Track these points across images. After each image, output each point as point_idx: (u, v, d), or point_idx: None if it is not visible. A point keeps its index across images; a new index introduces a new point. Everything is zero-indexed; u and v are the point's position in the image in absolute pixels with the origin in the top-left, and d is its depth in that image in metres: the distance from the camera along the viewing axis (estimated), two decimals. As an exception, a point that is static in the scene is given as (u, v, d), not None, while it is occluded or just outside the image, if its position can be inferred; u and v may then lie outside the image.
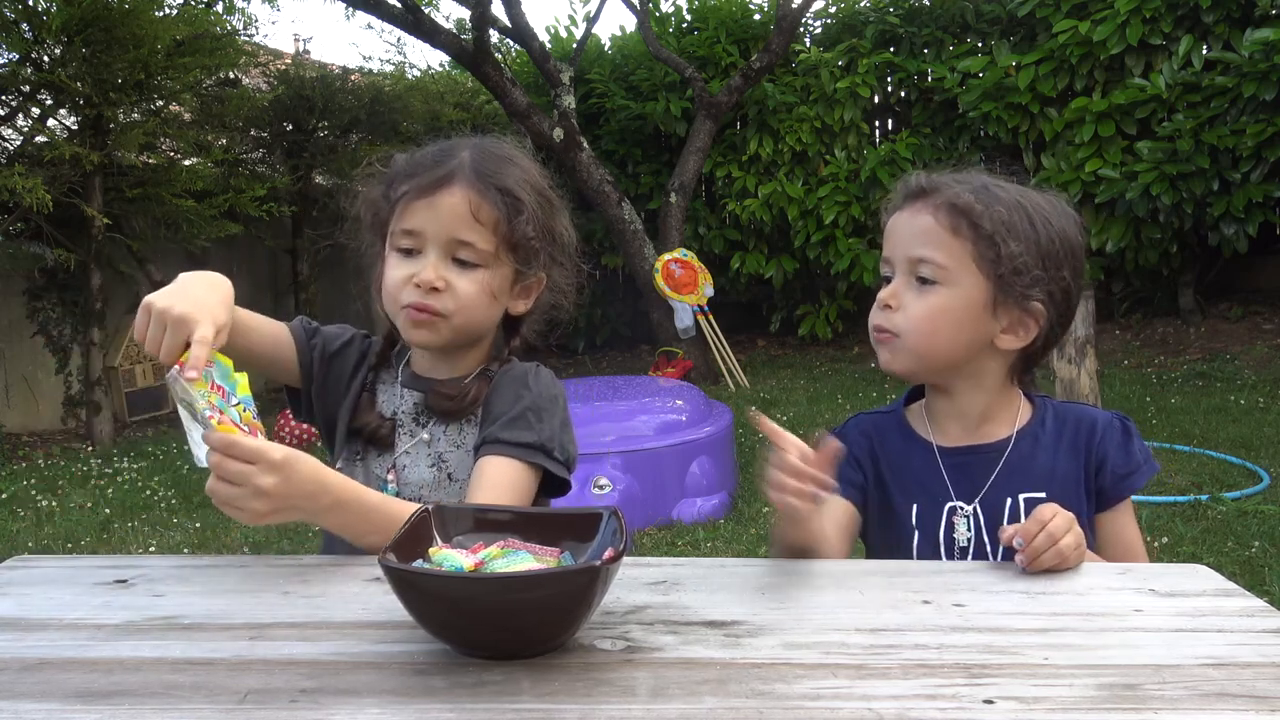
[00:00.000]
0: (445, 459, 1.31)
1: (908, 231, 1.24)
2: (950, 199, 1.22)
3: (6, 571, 1.07)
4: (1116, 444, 1.27)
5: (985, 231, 1.20)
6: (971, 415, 1.28)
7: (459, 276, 1.25)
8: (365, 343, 1.39)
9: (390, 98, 8.07)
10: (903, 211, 1.26)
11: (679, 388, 4.79)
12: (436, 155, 1.29)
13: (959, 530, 1.24)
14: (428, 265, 1.24)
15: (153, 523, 4.22)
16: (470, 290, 1.25)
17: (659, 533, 3.84)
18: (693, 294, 7.20)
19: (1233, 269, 7.54)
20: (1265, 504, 3.76)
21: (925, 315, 1.22)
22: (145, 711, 0.74)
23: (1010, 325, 1.24)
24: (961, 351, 1.24)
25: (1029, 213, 1.23)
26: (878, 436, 1.32)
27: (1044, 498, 1.23)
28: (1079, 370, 4.16)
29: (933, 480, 1.26)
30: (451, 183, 1.24)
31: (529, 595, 0.80)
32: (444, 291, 1.24)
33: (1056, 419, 1.29)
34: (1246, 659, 0.82)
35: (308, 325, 1.37)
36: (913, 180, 1.28)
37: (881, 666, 0.81)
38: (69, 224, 5.91)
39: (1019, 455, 1.26)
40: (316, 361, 1.35)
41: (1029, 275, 1.21)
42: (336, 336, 1.38)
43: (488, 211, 1.24)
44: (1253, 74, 6.49)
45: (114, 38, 5.65)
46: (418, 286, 1.24)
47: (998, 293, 1.21)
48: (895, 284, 1.24)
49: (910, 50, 8.22)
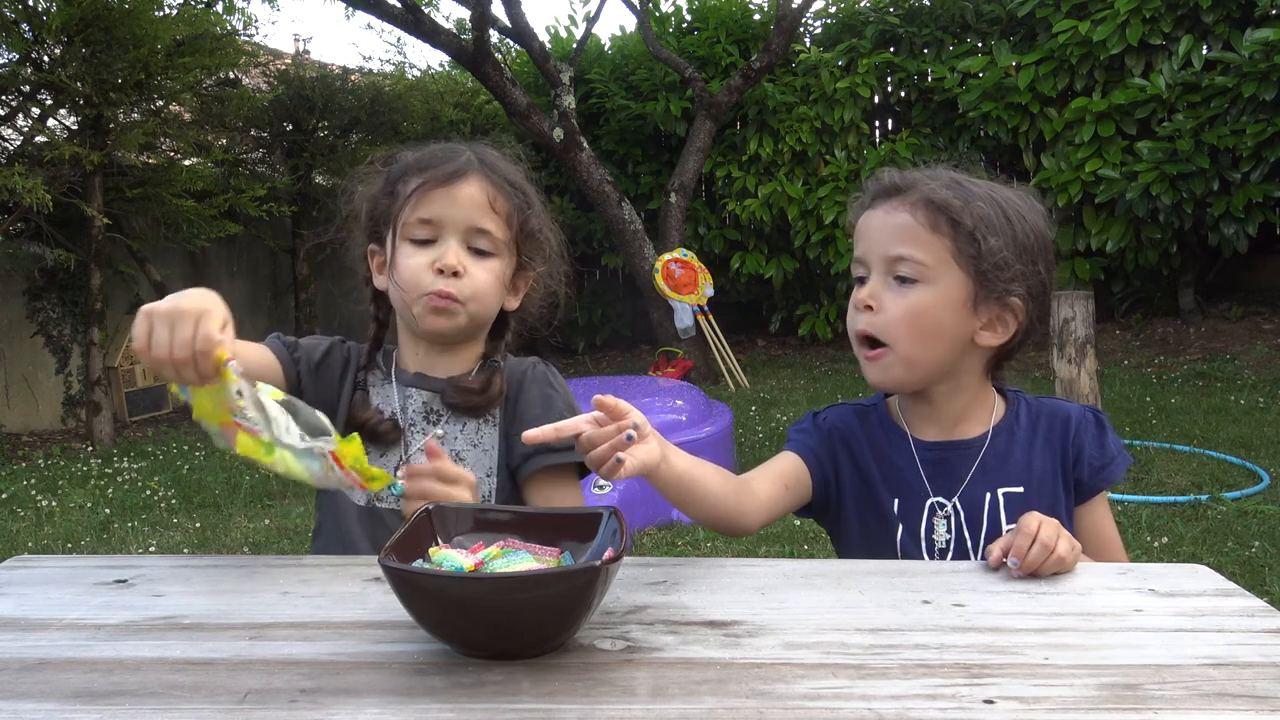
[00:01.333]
0: (462, 457, 1.31)
1: (884, 230, 1.22)
2: (927, 195, 1.20)
3: (6, 571, 1.07)
4: (1091, 437, 1.27)
5: (965, 228, 1.18)
6: (949, 415, 1.27)
7: (475, 264, 1.28)
8: (345, 347, 1.40)
9: (390, 98, 8.07)
10: (876, 210, 1.24)
11: (679, 388, 4.79)
12: (443, 152, 1.33)
13: (938, 531, 1.23)
14: (449, 250, 1.27)
15: (153, 523, 4.22)
16: (487, 278, 1.29)
17: (659, 533, 3.84)
18: (693, 294, 7.20)
19: (1233, 269, 7.54)
20: (1265, 504, 3.76)
21: (906, 315, 1.19)
22: (145, 711, 0.74)
23: (989, 322, 1.22)
24: (945, 352, 1.22)
25: (1003, 208, 1.22)
26: (861, 425, 1.32)
27: (1022, 492, 1.23)
28: (1079, 370, 4.16)
29: (912, 475, 1.26)
30: (468, 174, 1.29)
31: (529, 595, 0.80)
32: (463, 277, 1.27)
33: (1030, 414, 1.29)
34: (1247, 659, 0.82)
35: (286, 340, 1.37)
36: (884, 177, 1.26)
37: (881, 666, 0.81)
38: (69, 224, 5.91)
39: (995, 452, 1.25)
40: (305, 373, 1.35)
41: (1009, 270, 1.20)
42: (316, 346, 1.38)
43: (502, 202, 1.30)
44: (1253, 74, 6.50)
45: (114, 38, 5.65)
46: (440, 272, 1.26)
47: (978, 289, 1.20)
48: (872, 284, 1.21)
49: (910, 50, 8.22)
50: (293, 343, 1.37)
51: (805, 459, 1.30)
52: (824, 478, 1.30)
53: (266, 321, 8.26)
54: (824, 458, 1.30)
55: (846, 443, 1.30)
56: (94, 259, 6.04)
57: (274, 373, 1.32)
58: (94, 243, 5.99)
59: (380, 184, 1.35)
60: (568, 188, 8.76)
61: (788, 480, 1.27)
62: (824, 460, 1.30)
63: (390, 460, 1.32)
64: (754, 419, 5.79)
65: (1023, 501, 1.22)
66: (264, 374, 1.28)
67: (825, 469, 1.30)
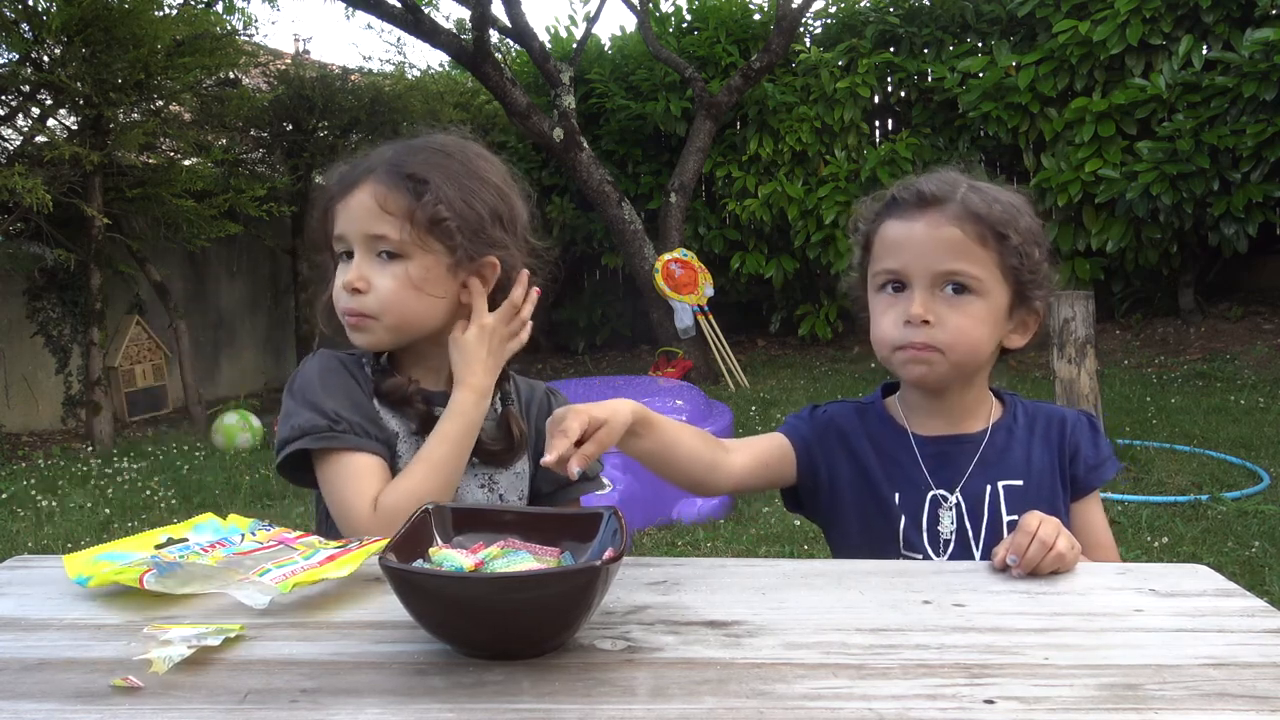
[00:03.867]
0: (496, 480, 1.31)
1: (931, 244, 1.22)
2: (971, 208, 1.22)
3: (6, 571, 1.07)
4: (1087, 437, 1.31)
5: (1012, 243, 1.21)
6: (956, 410, 1.30)
7: (379, 273, 1.24)
8: (347, 358, 1.33)
9: (390, 98, 8.07)
10: (915, 221, 1.23)
11: (679, 388, 4.80)
12: (362, 159, 1.29)
13: (943, 523, 1.26)
14: (353, 265, 1.24)
15: (153, 523, 4.22)
16: (389, 285, 1.23)
17: (659, 533, 3.85)
18: (693, 294, 7.20)
19: (1233, 269, 7.54)
20: (1265, 504, 3.76)
21: (968, 327, 1.21)
22: (145, 711, 0.74)
23: (1017, 325, 1.27)
24: (986, 356, 1.26)
25: (1026, 212, 1.26)
26: (860, 420, 1.33)
27: (1022, 485, 1.26)
28: (1079, 370, 4.16)
29: (913, 468, 1.28)
30: (361, 181, 1.25)
31: (529, 595, 0.80)
32: (366, 292, 1.23)
33: (1027, 414, 1.33)
34: (1247, 659, 0.82)
35: (349, 424, 1.25)
36: (914, 186, 1.26)
37: (882, 666, 0.81)
38: (69, 224, 5.91)
39: (995, 447, 1.28)
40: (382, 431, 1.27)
41: (1044, 277, 1.25)
42: (333, 384, 1.27)
43: (394, 200, 1.23)
44: (1253, 74, 6.50)
45: (114, 38, 5.65)
46: (346, 290, 1.24)
47: (1014, 297, 1.24)
48: (922, 298, 1.21)
49: (910, 50, 8.22)
50: (336, 417, 1.24)
51: (794, 443, 1.32)
52: (811, 466, 1.31)
53: (267, 321, 8.27)
54: (815, 447, 1.31)
55: (844, 437, 1.32)
56: (94, 259, 6.04)
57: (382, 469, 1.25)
58: (94, 243, 5.99)
59: (323, 201, 1.32)
60: (568, 188, 8.76)
61: (769, 459, 1.30)
62: (814, 449, 1.31)
63: (409, 445, 1.27)
64: (754, 419, 5.79)
65: (1022, 494, 1.25)
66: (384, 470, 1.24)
67: (815, 457, 1.31)
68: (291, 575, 0.94)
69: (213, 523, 1.09)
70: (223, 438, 5.84)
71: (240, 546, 1.03)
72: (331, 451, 1.22)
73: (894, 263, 1.24)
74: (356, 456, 1.22)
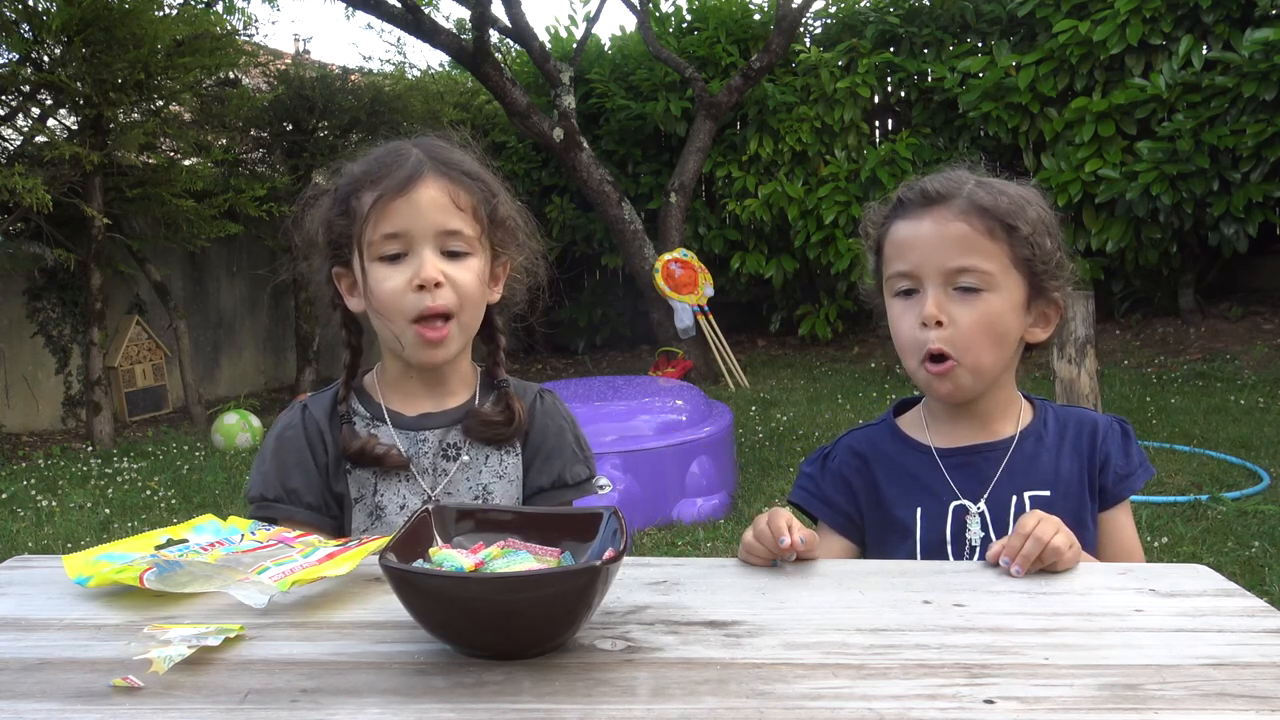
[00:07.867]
0: (490, 489, 1.28)
1: (939, 241, 1.20)
2: (977, 202, 1.20)
3: (6, 571, 1.07)
4: (1117, 445, 1.28)
5: (1022, 233, 1.19)
6: (982, 415, 1.27)
7: (454, 269, 1.21)
8: (302, 413, 1.30)
9: (390, 98, 8.06)
10: (921, 220, 1.22)
11: (679, 388, 4.79)
12: (389, 157, 1.23)
13: (971, 530, 1.23)
14: (425, 263, 1.18)
15: (153, 523, 4.22)
16: (469, 279, 1.21)
17: (659, 533, 3.84)
18: (693, 294, 7.20)
19: (1233, 269, 7.54)
20: (1265, 504, 3.76)
21: (979, 325, 1.19)
22: (145, 711, 0.74)
23: (1036, 319, 1.25)
24: (1008, 356, 1.24)
25: (1036, 203, 1.25)
26: (870, 448, 1.31)
27: (1049, 496, 1.23)
28: (1079, 370, 4.16)
29: (935, 481, 1.26)
30: (424, 175, 1.21)
31: (529, 595, 0.80)
32: (445, 286, 1.19)
33: (1058, 421, 1.30)
34: (1247, 659, 0.82)
35: (283, 494, 1.26)
36: (918, 185, 1.25)
37: (882, 666, 0.81)
38: (69, 224, 5.91)
39: (1023, 454, 1.26)
40: (324, 491, 1.28)
41: (1059, 268, 1.23)
42: (285, 453, 1.28)
43: (465, 197, 1.22)
44: (1253, 74, 6.49)
45: (114, 38, 5.65)
46: (420, 288, 1.18)
47: (1031, 289, 1.22)
48: (934, 298, 1.19)
49: (910, 50, 8.22)
50: (288, 491, 1.26)
51: (835, 526, 1.31)
52: (851, 522, 1.31)
53: (267, 321, 8.26)
54: (844, 504, 1.31)
55: (861, 468, 1.31)
56: (94, 259, 6.03)
57: (330, 524, 1.27)
58: (94, 243, 5.99)
59: (331, 203, 1.26)
60: (568, 188, 8.75)
61: (843, 554, 1.30)
62: (846, 506, 1.31)
63: (415, 486, 1.26)
64: (754, 419, 5.79)
65: (1048, 505, 1.21)
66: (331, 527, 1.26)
67: (851, 513, 1.31)
68: (290, 573, 0.94)
69: (213, 523, 1.10)
70: (222, 438, 5.84)
71: (240, 546, 1.03)
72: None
73: (905, 264, 1.22)
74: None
